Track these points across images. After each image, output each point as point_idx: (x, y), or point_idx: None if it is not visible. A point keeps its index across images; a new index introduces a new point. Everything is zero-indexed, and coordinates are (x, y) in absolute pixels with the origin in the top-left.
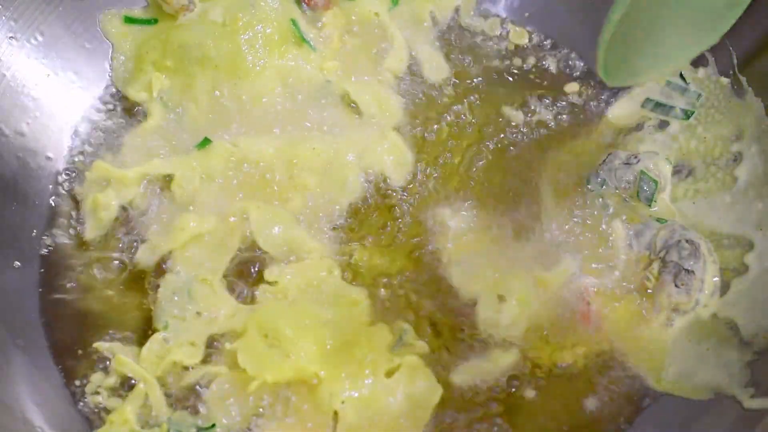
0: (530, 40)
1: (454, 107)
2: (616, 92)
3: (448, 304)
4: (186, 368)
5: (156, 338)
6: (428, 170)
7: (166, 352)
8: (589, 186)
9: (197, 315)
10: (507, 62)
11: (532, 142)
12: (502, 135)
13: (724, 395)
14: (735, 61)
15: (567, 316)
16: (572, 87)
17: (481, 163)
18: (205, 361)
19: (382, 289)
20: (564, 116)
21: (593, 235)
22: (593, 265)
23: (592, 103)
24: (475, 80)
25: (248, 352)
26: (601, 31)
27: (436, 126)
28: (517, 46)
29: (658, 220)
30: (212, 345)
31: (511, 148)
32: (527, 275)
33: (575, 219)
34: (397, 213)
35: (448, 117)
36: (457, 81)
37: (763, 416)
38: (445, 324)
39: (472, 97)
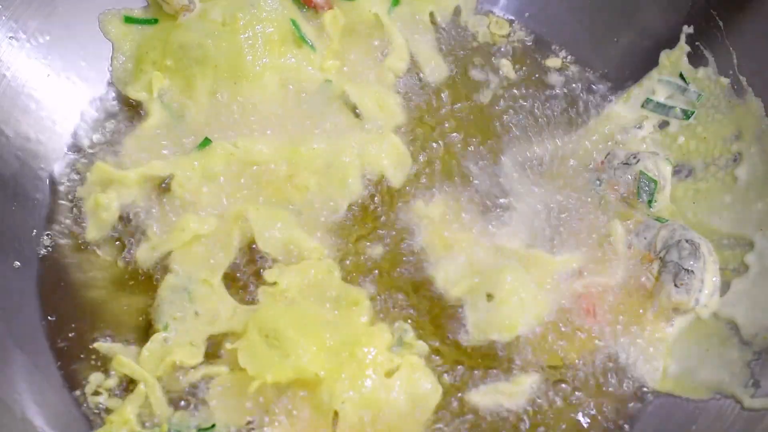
0: (520, 37)
1: (454, 107)
2: (616, 92)
3: (436, 310)
4: (186, 368)
5: (156, 338)
6: (427, 170)
7: (167, 353)
8: (589, 185)
9: (197, 315)
10: (507, 62)
11: (531, 140)
12: (502, 134)
13: (724, 395)
14: (735, 61)
15: (567, 313)
16: (554, 62)
17: (481, 162)
18: (206, 361)
19: (378, 294)
20: (565, 115)
21: (593, 235)
22: (593, 265)
23: (591, 102)
24: (474, 80)
25: (249, 353)
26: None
27: (435, 126)
28: (526, 53)
29: (658, 219)
30: (212, 345)
31: (512, 146)
32: (517, 269)
33: (574, 217)
34: (393, 214)
35: (448, 117)
36: (457, 81)
37: (763, 416)
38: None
39: (472, 97)
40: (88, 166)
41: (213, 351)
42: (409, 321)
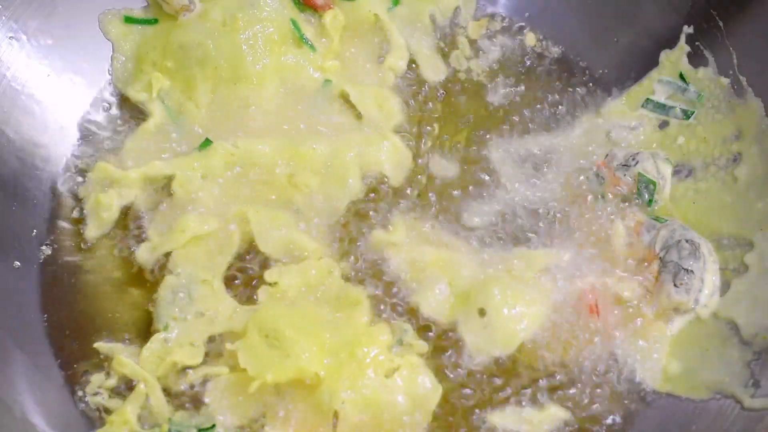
0: (520, 37)
1: (453, 107)
2: (616, 92)
3: (431, 335)
4: (186, 369)
5: (156, 339)
6: (426, 170)
7: (167, 353)
8: (588, 185)
9: (197, 315)
10: (507, 62)
11: (530, 140)
12: (500, 133)
13: (724, 395)
14: (735, 61)
15: (569, 313)
16: (552, 58)
17: (477, 162)
18: (206, 361)
19: (378, 293)
20: (565, 115)
21: (593, 235)
22: (593, 265)
23: (591, 102)
24: (473, 80)
25: (249, 353)
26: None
27: (435, 126)
28: (533, 49)
29: (658, 219)
30: (213, 345)
31: (510, 146)
32: (502, 278)
33: (574, 218)
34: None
35: (447, 117)
36: (457, 81)
37: (763, 416)
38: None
39: (471, 96)
40: (89, 166)
41: (213, 351)
42: (409, 323)
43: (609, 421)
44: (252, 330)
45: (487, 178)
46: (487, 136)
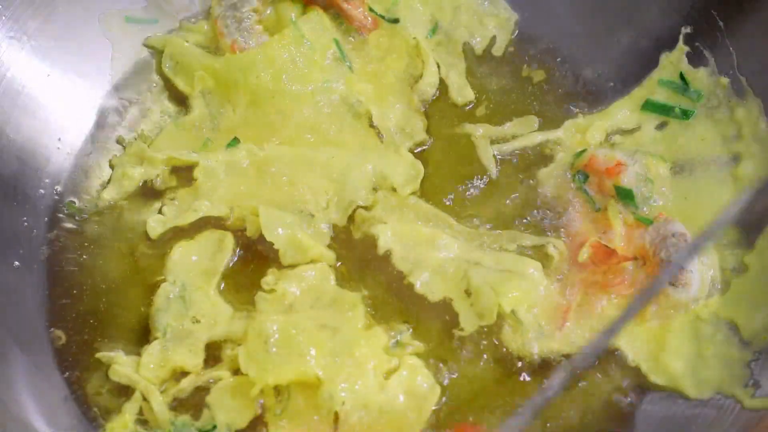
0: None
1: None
2: (616, 92)
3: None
4: (187, 373)
5: (155, 344)
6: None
7: (167, 358)
8: (587, 184)
9: (196, 320)
10: (506, 62)
11: (529, 138)
12: (499, 132)
13: (724, 395)
14: (735, 61)
15: (564, 315)
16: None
17: (476, 162)
18: (206, 365)
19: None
20: (564, 115)
21: (590, 235)
22: (590, 265)
23: (591, 102)
24: (498, 100)
25: (249, 357)
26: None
27: (453, 143)
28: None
29: (655, 219)
30: (213, 350)
31: (509, 144)
32: (488, 268)
33: (572, 217)
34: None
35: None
36: (483, 103)
37: (763, 416)
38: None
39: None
40: (88, 165)
41: (213, 356)
42: (406, 324)
43: (608, 420)
44: (252, 335)
45: (483, 176)
46: (485, 134)
